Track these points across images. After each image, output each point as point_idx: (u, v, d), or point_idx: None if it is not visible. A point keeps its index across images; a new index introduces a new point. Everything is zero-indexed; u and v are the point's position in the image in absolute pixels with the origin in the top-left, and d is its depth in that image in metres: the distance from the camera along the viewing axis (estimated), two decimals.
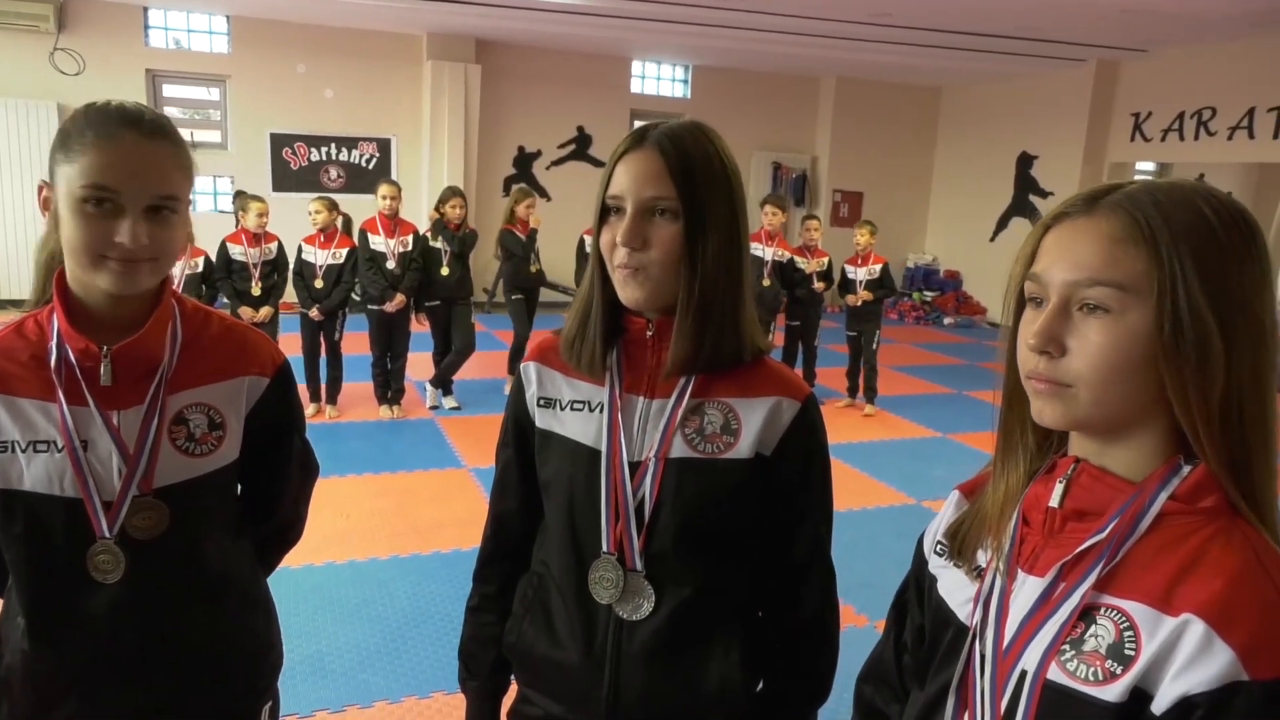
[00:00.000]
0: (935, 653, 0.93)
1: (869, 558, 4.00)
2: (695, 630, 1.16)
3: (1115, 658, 0.75)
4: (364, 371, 6.17)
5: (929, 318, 11.59)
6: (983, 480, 0.97)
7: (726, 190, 1.11)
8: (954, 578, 0.93)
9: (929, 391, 7.61)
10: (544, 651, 1.21)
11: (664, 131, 1.11)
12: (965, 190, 11.95)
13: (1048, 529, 0.84)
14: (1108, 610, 0.77)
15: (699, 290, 1.09)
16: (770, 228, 6.54)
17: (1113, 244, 0.77)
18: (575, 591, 1.18)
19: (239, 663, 1.31)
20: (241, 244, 5.61)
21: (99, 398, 1.16)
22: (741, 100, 11.55)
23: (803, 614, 1.22)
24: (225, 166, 9.64)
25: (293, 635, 3.15)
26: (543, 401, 1.22)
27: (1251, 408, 0.76)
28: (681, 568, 1.14)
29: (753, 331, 1.17)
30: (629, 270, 1.10)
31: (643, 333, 1.15)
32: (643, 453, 1.15)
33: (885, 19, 8.07)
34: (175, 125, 1.17)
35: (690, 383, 1.14)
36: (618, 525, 1.14)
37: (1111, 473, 0.81)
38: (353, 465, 5.00)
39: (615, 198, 1.11)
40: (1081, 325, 0.78)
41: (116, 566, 1.17)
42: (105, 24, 8.85)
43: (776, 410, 1.15)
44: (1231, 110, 8.57)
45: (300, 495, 1.46)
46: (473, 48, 9.97)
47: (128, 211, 1.08)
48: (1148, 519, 0.78)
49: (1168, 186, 0.79)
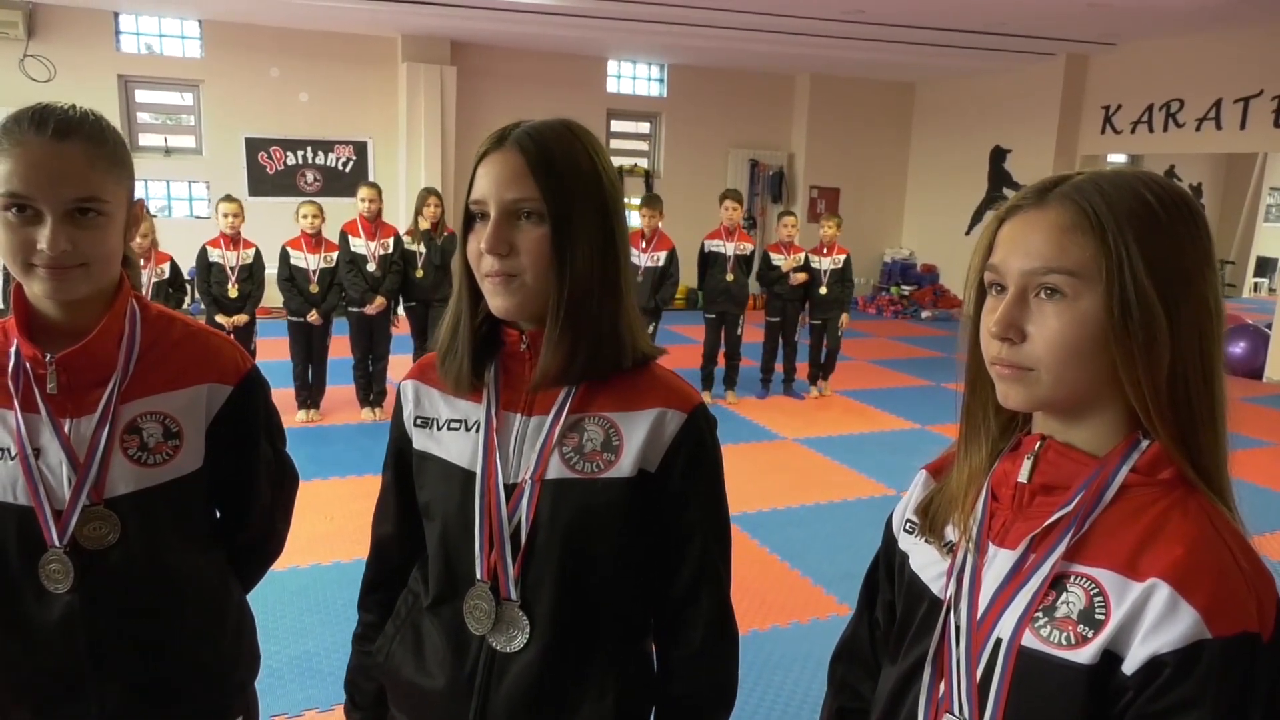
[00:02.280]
0: (909, 626, 0.97)
1: (849, 549, 4.05)
2: (571, 666, 1.09)
3: (1086, 622, 0.79)
4: (346, 374, 6.16)
5: (906, 311, 11.68)
6: (948, 460, 1.01)
7: (595, 188, 1.05)
8: (925, 553, 0.97)
9: (907, 384, 7.68)
10: (410, 676, 1.15)
11: (526, 130, 1.04)
12: (940, 184, 12.05)
13: (1017, 503, 0.88)
14: (1077, 578, 0.81)
15: (568, 296, 1.03)
16: (729, 223, 6.58)
17: (1062, 233, 0.81)
18: (447, 619, 1.12)
19: (198, 678, 1.27)
20: (220, 247, 5.58)
21: (51, 405, 1.14)
22: (718, 98, 11.60)
23: (692, 642, 1.13)
24: (200, 172, 9.58)
25: (280, 636, 3.20)
26: (420, 421, 1.16)
27: (1197, 384, 0.81)
28: (559, 597, 1.07)
29: (635, 337, 1.10)
30: (499, 278, 1.03)
31: (517, 345, 1.09)
32: (519, 474, 1.07)
33: (859, 16, 8.14)
34: (100, 124, 1.13)
35: (569, 398, 1.08)
36: (491, 552, 1.07)
37: (1076, 448, 0.85)
38: (336, 468, 5.00)
39: (478, 203, 1.04)
40: (1039, 312, 0.82)
41: (66, 576, 1.14)
42: (75, 29, 8.76)
43: (660, 422, 1.07)
44: (1199, 102, 8.71)
45: (275, 507, 1.40)
46: (448, 49, 9.95)
47: (46, 217, 1.06)
48: (1111, 491, 0.82)
49: (1112, 175, 0.83)
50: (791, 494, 4.85)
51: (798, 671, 3.06)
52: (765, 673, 3.03)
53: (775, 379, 7.08)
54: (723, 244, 6.58)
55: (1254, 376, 8.33)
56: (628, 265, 1.10)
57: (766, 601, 3.51)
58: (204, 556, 1.29)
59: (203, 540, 1.29)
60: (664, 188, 11.48)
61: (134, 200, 1.19)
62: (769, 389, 7.04)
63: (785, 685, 2.97)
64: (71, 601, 1.15)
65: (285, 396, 5.86)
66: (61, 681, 1.17)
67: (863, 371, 7.94)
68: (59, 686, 1.18)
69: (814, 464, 5.46)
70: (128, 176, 1.16)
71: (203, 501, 1.29)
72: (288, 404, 5.83)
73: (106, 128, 1.14)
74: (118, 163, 1.13)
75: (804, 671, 3.06)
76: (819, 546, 4.12)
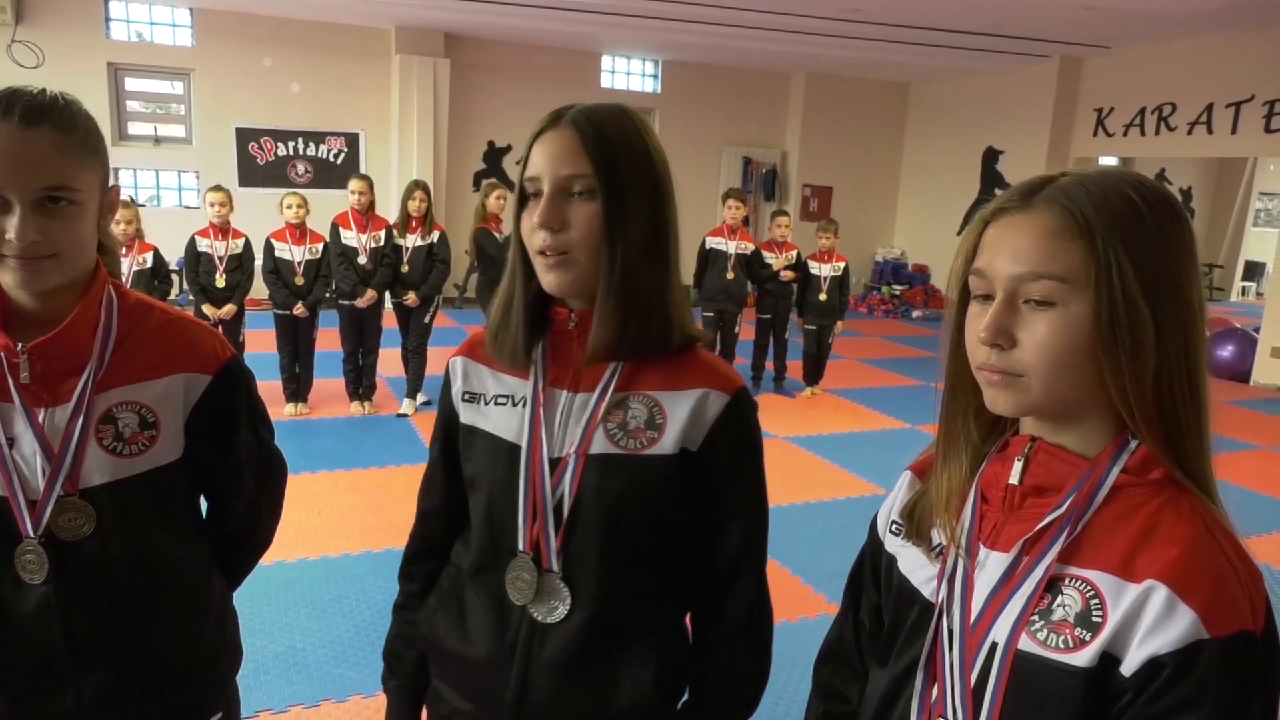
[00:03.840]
0: (899, 630, 0.96)
1: (839, 547, 4.04)
2: (611, 638, 1.10)
3: (1083, 625, 0.78)
4: (335, 368, 6.12)
5: (897, 311, 11.71)
6: (932, 459, 0.99)
7: (648, 169, 1.08)
8: (914, 557, 0.96)
9: (898, 384, 7.69)
10: (453, 646, 1.17)
11: (581, 110, 1.07)
12: (933, 185, 12.08)
13: (1008, 505, 0.87)
14: (1073, 580, 0.80)
15: (619, 272, 1.04)
16: (732, 221, 6.58)
17: (1050, 238, 0.80)
18: (490, 589, 1.14)
19: (178, 671, 1.26)
20: (209, 237, 5.54)
21: (25, 394, 1.13)
22: (712, 95, 11.58)
23: (731, 620, 1.15)
24: (190, 162, 9.52)
25: (267, 631, 3.18)
26: (467, 396, 1.18)
27: (1182, 387, 0.80)
28: (600, 570, 1.08)
29: (683, 317, 1.12)
30: (551, 255, 1.05)
31: (566, 324, 1.10)
32: (564, 448, 1.09)
33: (855, 15, 8.14)
34: (70, 109, 1.09)
35: (615, 375, 1.09)
36: (535, 524, 1.09)
37: (1066, 450, 0.84)
38: (324, 462, 4.97)
39: (532, 179, 1.06)
40: (1029, 317, 0.81)
41: (42, 567, 1.13)
42: (65, 15, 8.69)
43: (704, 403, 1.09)
44: (1191, 106, 8.74)
45: (261, 499, 1.38)
46: (441, 42, 9.91)
47: (15, 207, 1.04)
48: (1103, 492, 0.82)
49: (1098, 176, 0.82)
50: (782, 493, 4.84)
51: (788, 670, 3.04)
52: None
53: (766, 377, 7.08)
54: (724, 242, 6.57)
55: (1241, 380, 8.38)
56: (677, 244, 1.12)
57: None
58: (185, 548, 1.27)
59: (184, 532, 1.28)
60: None
61: (108, 186, 1.16)
62: (760, 387, 7.04)
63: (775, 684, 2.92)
64: (48, 592, 1.14)
65: (273, 390, 5.83)
66: (39, 671, 1.17)
67: (854, 370, 7.95)
68: (36, 676, 1.17)
69: (805, 463, 5.46)
70: (100, 163, 1.13)
71: (183, 493, 1.27)
72: (275, 397, 5.80)
73: (77, 112, 1.11)
74: (89, 149, 1.11)
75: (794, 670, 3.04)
76: (809, 545, 4.11)
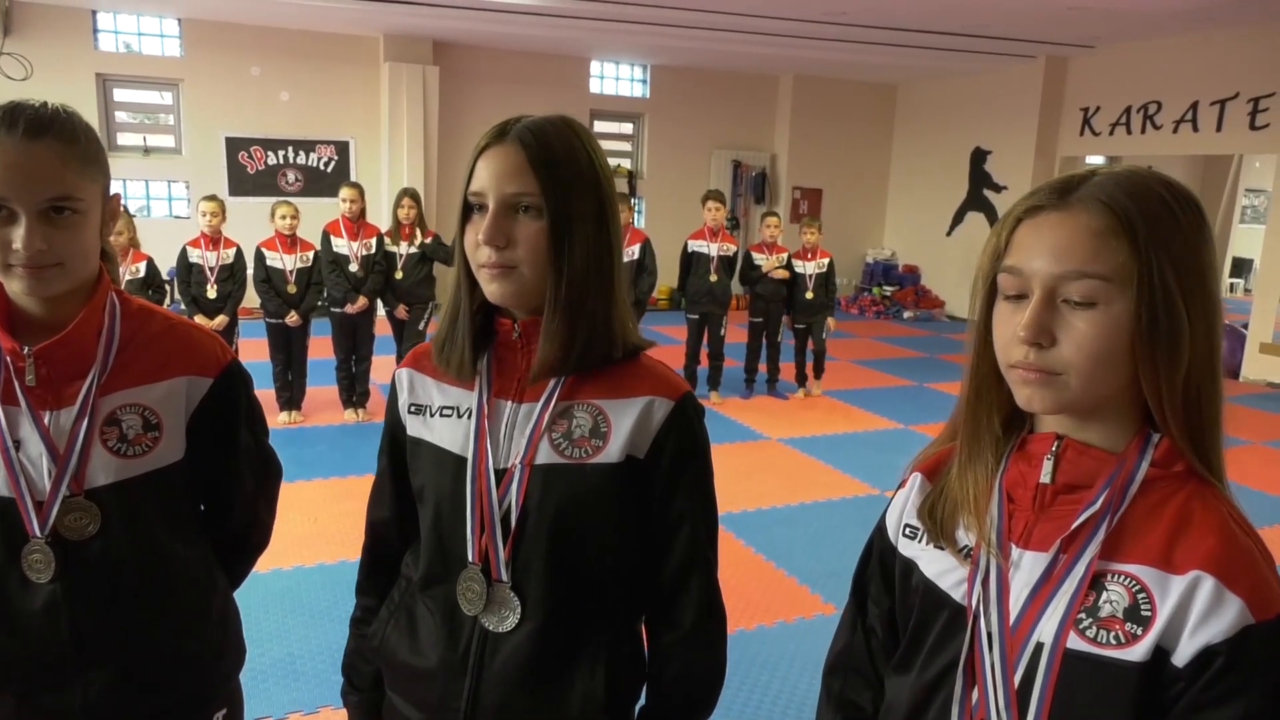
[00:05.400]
0: (925, 636, 0.95)
1: (834, 548, 4.07)
2: (562, 646, 1.11)
3: (1133, 620, 0.80)
4: (328, 375, 6.12)
5: (889, 312, 11.74)
6: (940, 460, 0.99)
7: (594, 185, 1.07)
8: (939, 560, 0.95)
9: (890, 384, 7.72)
10: (405, 658, 1.17)
11: (526, 125, 1.06)
12: (922, 185, 12.12)
13: (1038, 504, 0.88)
14: (1116, 576, 0.82)
15: (566, 289, 1.05)
16: (713, 224, 6.59)
17: (1095, 237, 0.80)
18: (440, 600, 1.15)
19: (183, 667, 1.29)
20: (200, 247, 5.54)
21: (31, 398, 1.16)
22: (700, 99, 11.61)
23: (682, 623, 1.15)
24: (180, 171, 9.50)
25: (264, 638, 3.17)
26: (413, 408, 1.19)
27: (1206, 382, 0.82)
28: (549, 579, 1.09)
29: (626, 329, 1.12)
30: (496, 269, 1.05)
31: (510, 334, 1.11)
32: (509, 459, 1.10)
33: (841, 18, 8.17)
34: (72, 121, 1.13)
35: (559, 385, 1.10)
36: (483, 535, 1.10)
37: (1093, 446, 0.86)
38: (319, 469, 4.97)
39: (476, 194, 1.06)
40: (1069, 316, 0.81)
41: (48, 566, 1.16)
42: (53, 27, 8.67)
43: (648, 410, 1.10)
44: (1176, 104, 8.80)
45: (258, 498, 1.42)
46: (430, 49, 9.90)
47: (20, 218, 1.07)
48: (1135, 486, 0.83)
49: (1130, 175, 0.83)
50: (776, 494, 4.86)
51: (785, 671, 3.07)
52: (752, 673, 3.03)
53: (759, 379, 7.10)
54: (706, 244, 6.59)
55: (1231, 376, 8.43)
56: (620, 260, 1.14)
57: (753, 602, 3.51)
58: (188, 547, 1.30)
59: (187, 531, 1.31)
60: (647, 188, 11.51)
61: (109, 195, 1.20)
62: (753, 389, 7.05)
63: (772, 685, 2.98)
64: (54, 590, 1.17)
65: (266, 398, 5.77)
66: (46, 669, 1.19)
67: (846, 372, 7.97)
68: (44, 674, 1.20)
69: (798, 464, 5.48)
70: (102, 173, 1.17)
71: (185, 493, 1.30)
72: (269, 406, 5.79)
73: (79, 124, 1.14)
74: (91, 160, 1.14)
75: (791, 671, 3.07)
76: (804, 546, 4.13)
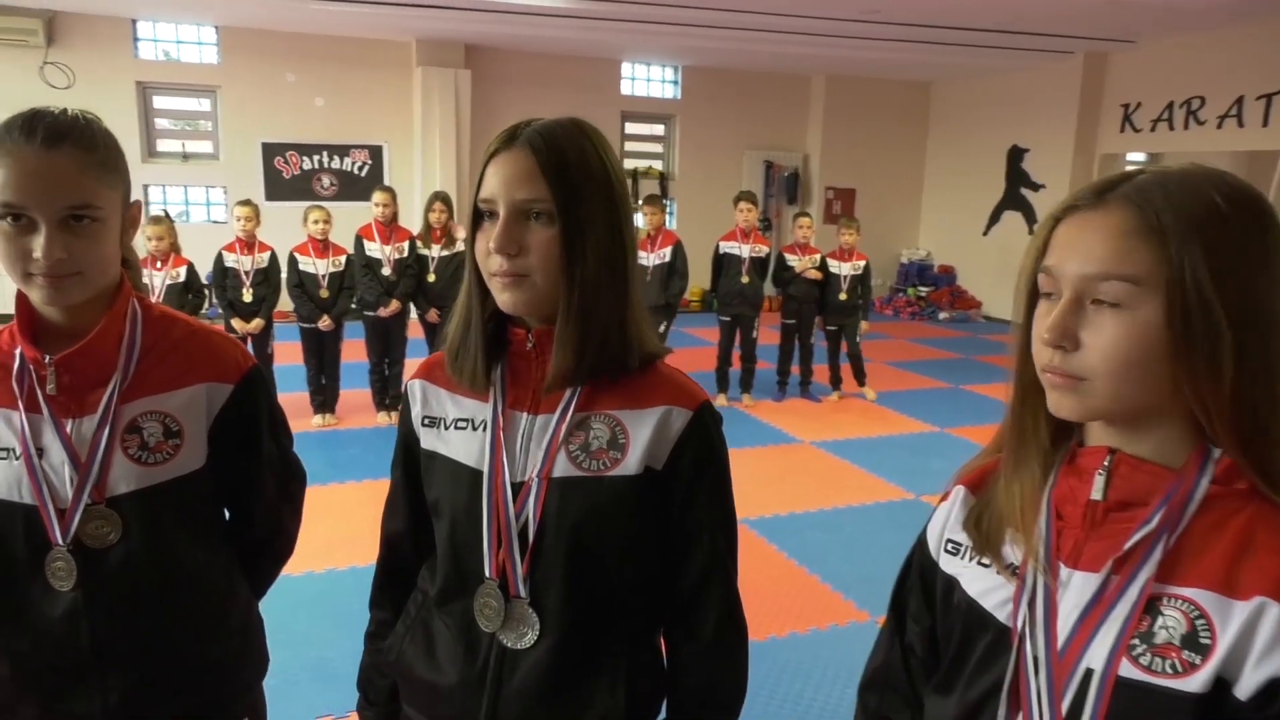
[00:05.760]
0: (968, 656, 0.91)
1: (868, 553, 4.01)
2: (581, 662, 1.09)
3: (1191, 648, 0.74)
4: (361, 378, 6.16)
5: (924, 313, 11.60)
6: (985, 472, 0.95)
7: (606, 189, 1.04)
8: (982, 578, 0.91)
9: (925, 386, 7.61)
10: (422, 674, 1.15)
11: (536, 129, 1.03)
12: (957, 185, 11.97)
13: (1089, 522, 0.83)
14: (1172, 600, 0.76)
15: (579, 297, 1.03)
16: (745, 225, 6.54)
17: (1122, 237, 0.76)
18: (457, 616, 1.13)
19: (203, 675, 1.29)
20: (235, 251, 5.61)
21: (53, 406, 1.16)
22: (732, 100, 11.56)
23: (702, 635, 1.14)
24: (217, 177, 9.65)
25: (296, 642, 3.19)
26: (427, 421, 1.16)
27: (1264, 394, 0.76)
28: (568, 594, 1.07)
29: (642, 336, 1.10)
30: (507, 277, 1.03)
31: (524, 344, 1.09)
32: (526, 472, 1.08)
33: (875, 16, 8.09)
34: (91, 128, 1.13)
35: (575, 396, 1.08)
36: (500, 550, 1.08)
37: (1148, 460, 0.81)
38: (352, 472, 5.00)
39: (487, 201, 1.03)
40: (1096, 319, 0.77)
41: (70, 574, 1.16)
42: (94, 37, 8.83)
43: (666, 420, 1.07)
44: (1220, 99, 8.60)
45: (282, 505, 1.42)
46: (462, 53, 9.97)
47: (41, 226, 1.07)
48: (1194, 505, 0.78)
49: (1179, 175, 0.78)
50: (809, 498, 4.80)
51: (817, 679, 3.02)
52: (784, 680, 2.99)
53: (792, 381, 7.04)
54: (738, 246, 6.54)
55: None
56: (635, 265, 1.10)
57: (785, 608, 3.46)
58: (209, 555, 1.30)
59: (208, 539, 1.31)
60: (678, 189, 11.48)
61: (130, 202, 1.20)
62: (785, 392, 7.00)
63: (805, 694, 2.94)
64: (76, 598, 1.18)
65: (301, 401, 5.88)
66: (67, 676, 1.20)
67: (880, 373, 7.87)
68: (65, 680, 1.20)
69: (832, 467, 5.41)
70: (121, 180, 1.17)
71: (207, 500, 1.30)
72: (303, 409, 5.85)
73: (98, 131, 1.14)
74: (110, 167, 1.14)
75: (824, 680, 3.02)
76: (838, 551, 4.07)
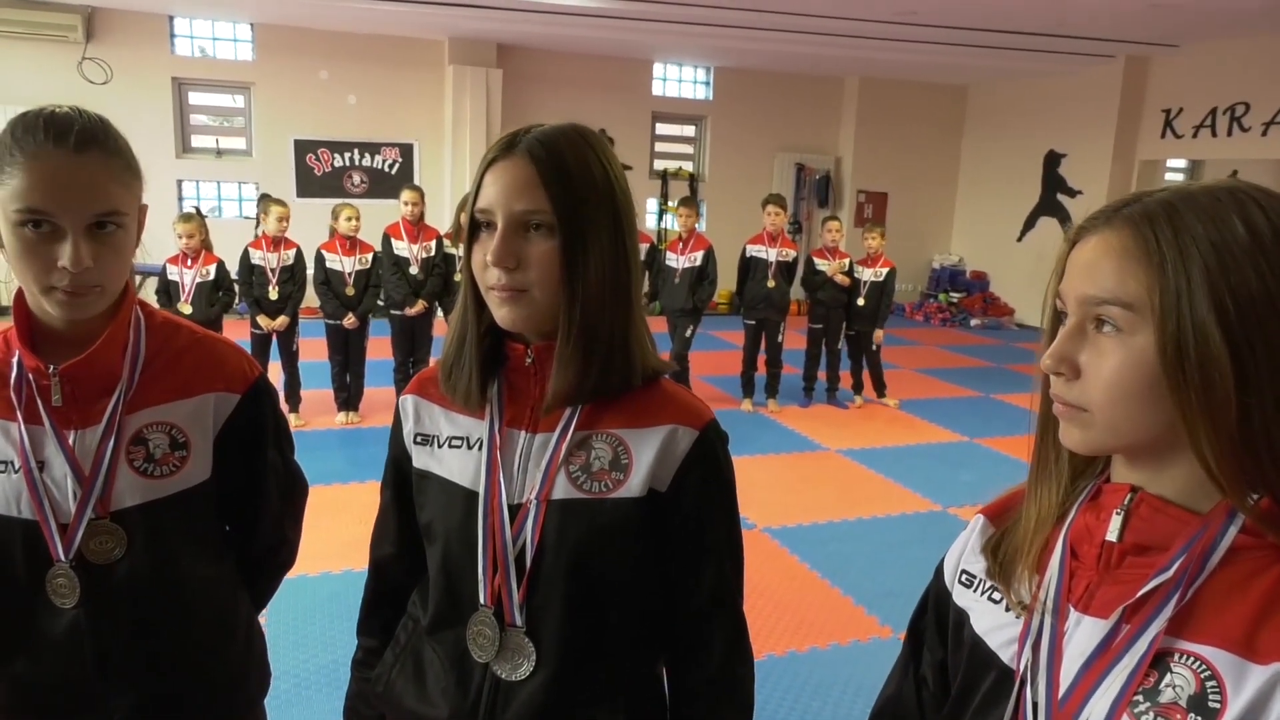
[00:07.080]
0: (971, 696, 0.87)
1: (893, 566, 3.92)
2: (579, 694, 1.04)
3: (1198, 710, 0.68)
4: (386, 376, 6.16)
5: (955, 319, 11.44)
6: (1009, 503, 0.91)
7: (609, 200, 1.00)
8: (991, 614, 0.87)
9: (955, 395, 7.49)
10: (411, 706, 1.10)
11: (536, 136, 0.99)
12: (992, 190, 11.79)
13: (1103, 564, 0.78)
14: (1183, 657, 0.71)
15: (580, 313, 0.98)
16: (773, 228, 6.46)
17: (1119, 259, 0.72)
18: (449, 645, 1.08)
19: (207, 692, 1.25)
20: (261, 249, 5.63)
21: (55, 417, 1.11)
22: (764, 101, 11.48)
23: (707, 665, 1.08)
24: (250, 173, 9.73)
25: (311, 645, 3.17)
26: (419, 439, 1.11)
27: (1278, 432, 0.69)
28: (566, 623, 1.02)
29: (645, 354, 1.05)
30: (506, 292, 0.98)
31: (522, 360, 1.04)
32: (524, 494, 1.03)
33: (910, 17, 7.98)
34: (111, 131, 1.09)
35: (575, 415, 1.03)
36: (495, 576, 1.03)
37: (1173, 503, 0.74)
38: (374, 470, 4.98)
39: (484, 211, 0.99)
40: (1097, 345, 0.74)
41: (73, 591, 1.12)
42: (132, 33, 8.93)
43: (671, 440, 1.03)
44: (1266, 105, 8.38)
45: (284, 516, 1.39)
46: (494, 52, 9.97)
47: (68, 233, 1.03)
48: (1217, 555, 0.71)
49: (1197, 195, 0.72)
50: (833, 507, 4.71)
51: (836, 697, 2.95)
52: (803, 698, 2.92)
53: (818, 387, 6.95)
54: (764, 249, 6.46)
55: None
56: (638, 278, 1.06)
57: (805, 621, 3.38)
58: (213, 569, 1.28)
59: (212, 552, 1.28)
60: (709, 191, 11.41)
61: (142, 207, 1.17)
62: (812, 398, 6.91)
63: (823, 712, 2.86)
64: (78, 616, 1.14)
65: (325, 398, 5.90)
66: (70, 694, 1.17)
67: (910, 381, 7.75)
68: (68, 699, 1.18)
69: (857, 476, 5.32)
70: (139, 184, 1.14)
71: (212, 513, 1.27)
72: (328, 406, 5.87)
73: (117, 135, 1.12)
74: (131, 171, 1.12)
75: (843, 697, 2.95)
76: (861, 564, 3.97)
